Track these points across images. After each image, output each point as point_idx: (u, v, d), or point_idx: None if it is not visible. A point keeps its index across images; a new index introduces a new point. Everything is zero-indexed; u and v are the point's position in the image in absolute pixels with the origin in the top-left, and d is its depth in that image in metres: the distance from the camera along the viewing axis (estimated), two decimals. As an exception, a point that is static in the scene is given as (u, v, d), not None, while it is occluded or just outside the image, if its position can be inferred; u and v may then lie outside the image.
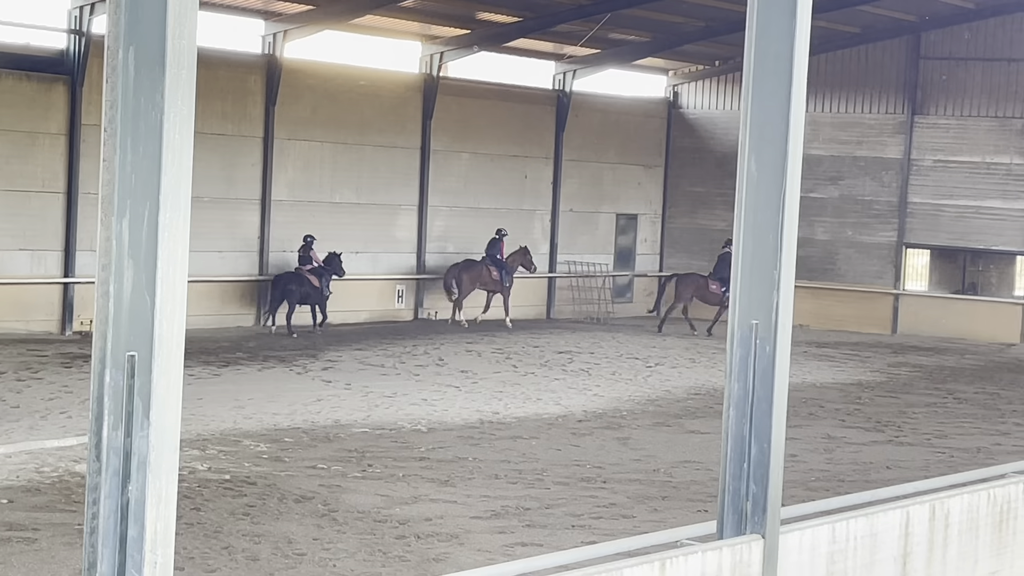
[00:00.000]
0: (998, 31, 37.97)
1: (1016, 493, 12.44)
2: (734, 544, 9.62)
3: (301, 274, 32.57)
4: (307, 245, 32.87)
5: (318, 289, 32.55)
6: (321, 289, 32.59)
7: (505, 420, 21.91)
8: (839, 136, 40.21)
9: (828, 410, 24.70)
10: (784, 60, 9.72)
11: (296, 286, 32.25)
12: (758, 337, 9.83)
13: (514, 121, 38.13)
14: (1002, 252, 38.38)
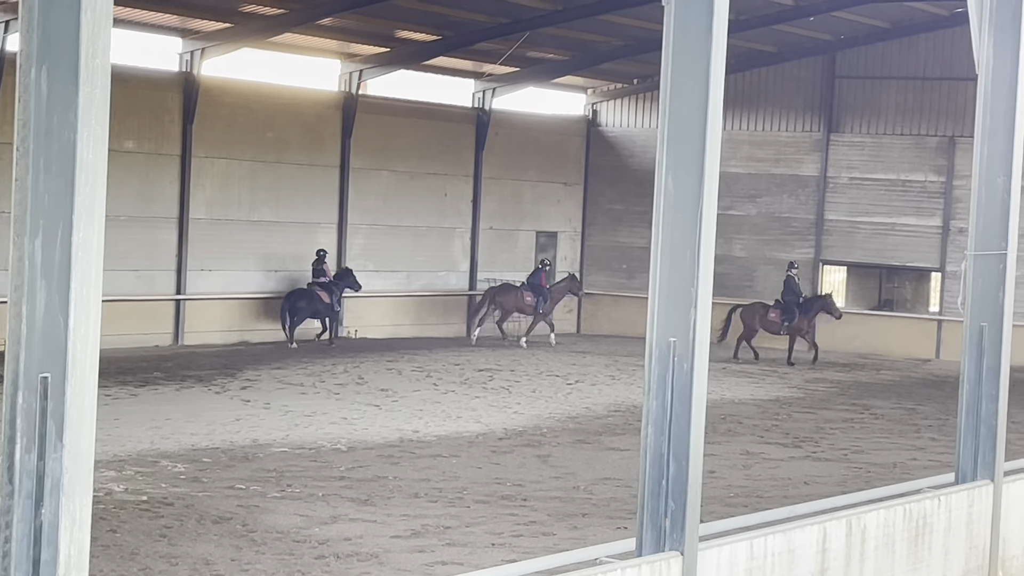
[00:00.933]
0: (912, 50, 38.43)
1: (931, 508, 12.57)
2: (653, 561, 9.66)
3: (311, 291, 33.60)
4: (320, 259, 34.03)
5: (328, 305, 33.61)
6: (332, 305, 33.61)
7: (425, 438, 21.86)
8: (757, 154, 40.52)
9: (747, 426, 24.83)
10: (700, 79, 9.79)
11: (306, 303, 33.42)
12: (676, 354, 9.88)
13: (434, 139, 38.13)
14: (917, 269, 38.81)
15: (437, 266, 38.41)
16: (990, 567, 13.15)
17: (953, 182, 37.62)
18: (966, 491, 13.08)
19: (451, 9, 33.35)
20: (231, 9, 31.88)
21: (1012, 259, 13.25)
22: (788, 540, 10.91)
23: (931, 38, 37.97)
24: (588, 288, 42.17)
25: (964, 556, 12.93)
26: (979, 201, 13.30)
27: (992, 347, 13.30)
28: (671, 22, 9.84)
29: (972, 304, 13.42)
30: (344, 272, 34.43)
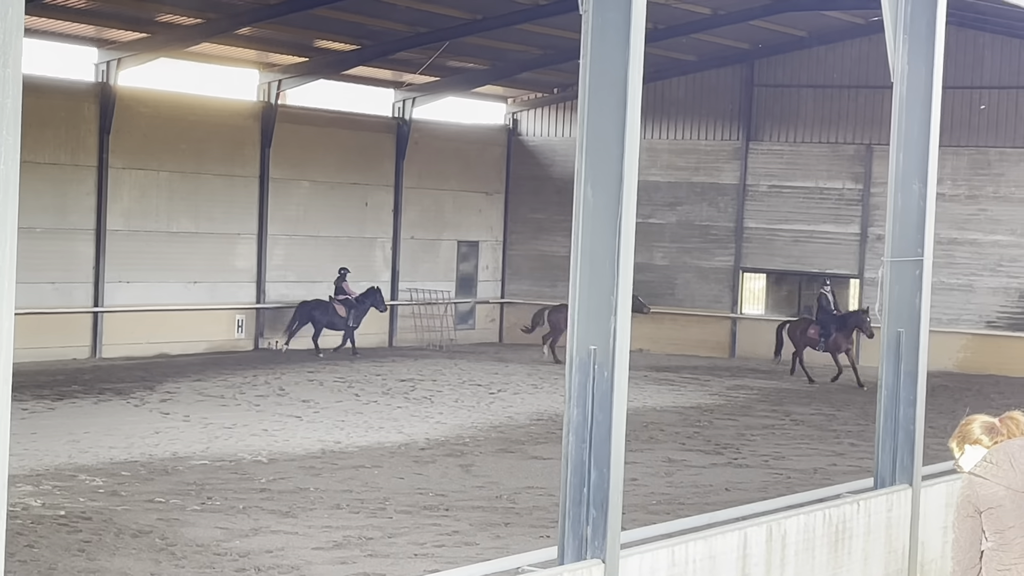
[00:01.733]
0: (829, 58, 38.77)
1: (851, 513, 12.65)
2: (575, 569, 9.64)
3: (329, 304, 34.94)
4: (341, 277, 35.41)
5: (343, 319, 34.89)
6: (347, 319, 34.86)
7: (347, 449, 21.77)
8: (676, 162, 40.71)
9: (668, 433, 24.92)
10: (618, 87, 9.80)
11: (320, 314, 34.80)
12: (596, 362, 9.88)
13: (354, 149, 38.02)
14: (835, 276, 39.10)
15: (358, 276, 38.26)
16: (909, 570, 13.24)
17: (870, 189, 37.98)
18: (885, 495, 13.17)
19: (370, 19, 33.28)
20: (148, 19, 31.63)
21: (928, 265, 13.36)
22: (709, 546, 10.93)
23: (848, 47, 38.33)
24: (510, 297, 42.22)
25: (884, 560, 13.02)
26: (895, 208, 13.41)
27: (909, 352, 13.40)
28: (588, 31, 9.85)
29: (889, 310, 13.52)
30: (371, 291, 35.59)
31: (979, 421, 8.02)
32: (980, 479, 7.72)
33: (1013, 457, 7.69)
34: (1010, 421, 7.94)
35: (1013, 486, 7.62)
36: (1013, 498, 7.63)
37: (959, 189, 37.19)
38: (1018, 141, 36.90)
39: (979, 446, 7.93)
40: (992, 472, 7.69)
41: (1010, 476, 7.64)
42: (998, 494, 7.65)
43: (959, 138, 36.35)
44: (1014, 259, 37.06)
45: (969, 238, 37.39)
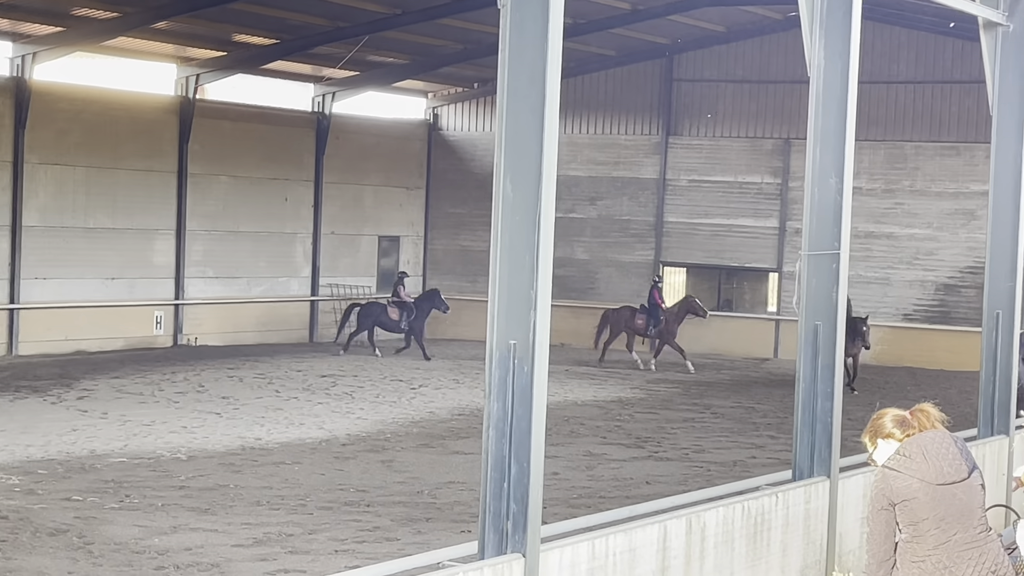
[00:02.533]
0: (748, 53, 39.01)
1: (770, 505, 12.73)
2: (495, 564, 9.64)
3: (383, 305, 35.53)
4: (399, 280, 35.99)
5: (396, 322, 35.28)
6: (399, 322, 35.24)
7: (267, 446, 21.66)
8: (597, 157, 40.81)
9: (589, 427, 24.99)
10: (537, 82, 9.80)
11: (368, 314, 35.24)
12: (516, 357, 9.88)
13: (274, 144, 37.81)
14: (755, 269, 39.39)
15: (278, 272, 38.11)
16: (827, 561, 13.35)
17: (789, 183, 38.27)
18: (803, 488, 13.26)
19: (289, 13, 33.11)
20: (63, 12, 31.28)
21: (845, 258, 13.46)
22: (629, 539, 10.97)
23: (766, 42, 38.58)
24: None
25: (802, 552, 13.12)
26: (812, 202, 13.50)
27: (826, 345, 13.50)
28: (507, 25, 9.84)
29: (807, 303, 13.62)
30: (430, 293, 35.97)
31: (890, 415, 8.09)
32: (894, 472, 7.79)
33: (926, 449, 7.76)
34: (921, 414, 8.02)
35: (926, 478, 7.70)
36: (926, 490, 7.70)
37: (876, 183, 37.55)
38: (934, 135, 37.29)
39: (891, 440, 7.99)
40: (905, 465, 7.76)
41: (923, 468, 7.71)
42: (912, 486, 7.72)
43: (876, 132, 36.70)
44: (930, 252, 37.47)
45: (886, 232, 37.76)
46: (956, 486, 7.72)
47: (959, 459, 7.77)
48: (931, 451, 7.75)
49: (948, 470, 7.72)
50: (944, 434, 7.88)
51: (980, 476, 7.86)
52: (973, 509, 7.77)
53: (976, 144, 35.49)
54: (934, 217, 37.38)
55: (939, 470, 7.70)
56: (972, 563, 7.71)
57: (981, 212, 34.25)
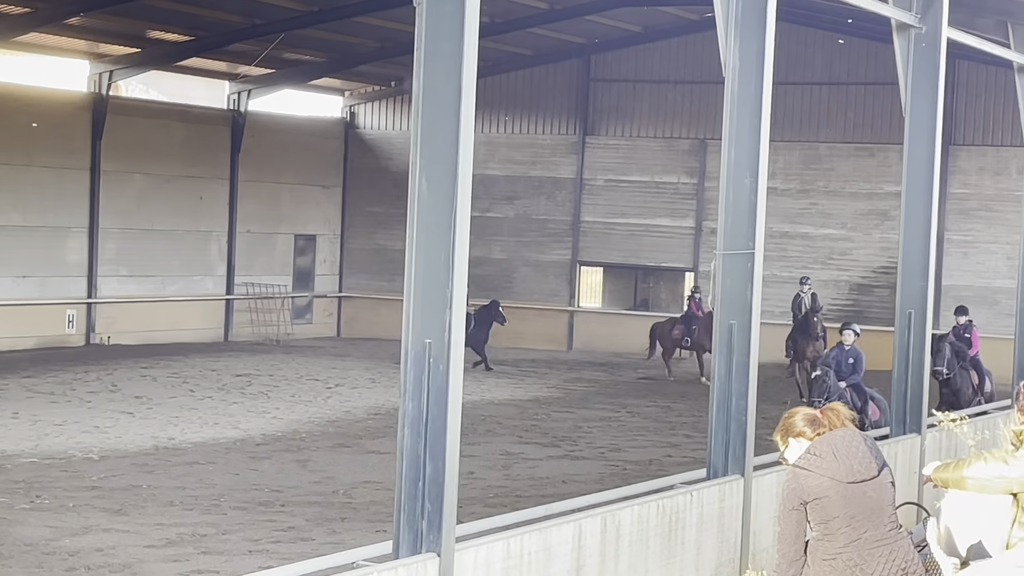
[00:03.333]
0: (664, 54, 39.16)
1: (684, 503, 12.79)
2: (409, 563, 9.62)
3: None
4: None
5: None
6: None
7: (181, 446, 21.48)
8: (514, 156, 40.82)
9: (506, 426, 24.99)
10: (453, 81, 9.79)
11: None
12: (432, 356, 9.86)
13: (188, 141, 37.49)
14: (671, 269, 39.56)
15: (193, 270, 37.79)
16: (741, 560, 13.43)
17: (705, 183, 38.48)
18: (718, 486, 13.33)
19: (203, 9, 32.83)
20: (-26, 8, 30.88)
21: (759, 258, 13.55)
22: (544, 538, 10.97)
23: (682, 42, 38.74)
24: (348, 291, 41.99)
25: (716, 550, 13.19)
26: (727, 201, 13.58)
27: (741, 344, 13.58)
28: (423, 24, 9.82)
29: (721, 302, 13.70)
30: (490, 305, 34.54)
31: (801, 414, 8.14)
32: (805, 471, 7.84)
33: (836, 448, 7.81)
34: (831, 412, 8.07)
35: (837, 477, 7.75)
36: (837, 488, 7.75)
37: (791, 183, 37.83)
38: (848, 136, 37.63)
39: (802, 438, 8.04)
40: (816, 464, 7.81)
41: (834, 467, 7.76)
42: (823, 485, 7.77)
43: (791, 133, 36.96)
44: (844, 252, 37.80)
45: (801, 232, 38.06)
46: (866, 484, 7.77)
47: (869, 457, 7.83)
48: (841, 450, 7.80)
49: (858, 468, 7.77)
50: (854, 432, 7.94)
51: (890, 474, 7.93)
52: (883, 507, 7.83)
53: (889, 145, 35.83)
54: (848, 217, 37.72)
55: (849, 468, 7.75)
56: (882, 560, 7.76)
57: (894, 213, 34.55)
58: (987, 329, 35.87)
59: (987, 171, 36.62)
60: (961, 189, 36.59)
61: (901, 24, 16.78)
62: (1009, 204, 34.78)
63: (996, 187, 36.39)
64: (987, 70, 34.58)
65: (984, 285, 36.60)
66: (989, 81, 35.41)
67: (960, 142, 36.47)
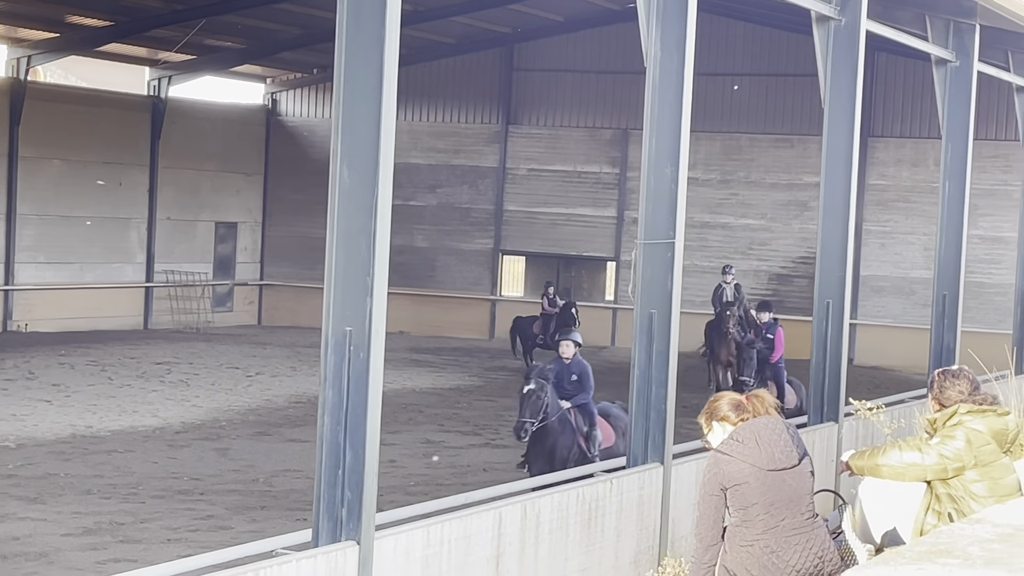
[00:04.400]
0: (587, 43, 39.23)
1: (604, 491, 12.84)
2: (329, 551, 9.60)
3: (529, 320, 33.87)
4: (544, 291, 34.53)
5: (535, 335, 33.62)
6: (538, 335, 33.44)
7: (99, 434, 21.30)
8: (437, 145, 40.78)
9: (427, 415, 24.98)
10: (374, 68, 9.76)
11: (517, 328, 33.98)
12: (352, 343, 9.84)
13: (108, 127, 37.12)
14: (593, 258, 39.68)
15: (112, 258, 37.45)
16: (660, 547, 13.51)
17: (627, 173, 38.61)
18: (637, 474, 13.40)
19: (124, -6, 32.56)
20: None
21: (680, 247, 13.62)
22: (464, 526, 10.99)
23: (605, 32, 38.82)
24: (269, 279, 41.78)
25: (636, 537, 13.26)
26: (648, 190, 13.64)
27: (661, 333, 13.65)
28: (344, 11, 9.79)
29: (642, 291, 13.75)
30: (566, 305, 33.63)
31: (727, 398, 8.19)
32: (726, 457, 7.89)
33: (759, 435, 7.87)
34: (756, 399, 8.13)
35: (758, 464, 7.80)
36: (758, 475, 7.81)
37: (712, 174, 38.04)
38: (768, 127, 37.89)
39: (726, 423, 8.10)
40: (738, 450, 7.86)
41: (755, 454, 7.82)
42: (743, 471, 7.82)
43: (712, 124, 37.15)
44: (764, 242, 38.07)
45: (721, 222, 38.29)
46: (786, 472, 7.83)
47: (791, 446, 7.89)
48: (764, 437, 7.86)
49: (779, 456, 7.83)
50: (777, 420, 8.00)
51: (810, 463, 7.99)
52: (802, 495, 7.89)
53: (809, 136, 36.12)
54: (768, 208, 37.99)
55: (771, 456, 7.81)
56: (799, 549, 7.83)
57: (813, 203, 34.82)
58: (903, 319, 36.35)
59: (905, 163, 37.00)
60: (879, 180, 36.96)
61: (820, 16, 16.91)
62: (926, 195, 35.16)
63: (914, 179, 36.77)
64: (906, 62, 34.91)
65: (901, 276, 37.00)
66: (907, 73, 35.77)
67: (879, 134, 36.82)
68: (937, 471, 8.66)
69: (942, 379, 9.08)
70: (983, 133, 32.04)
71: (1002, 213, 35.06)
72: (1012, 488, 8.81)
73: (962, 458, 8.64)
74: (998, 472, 8.74)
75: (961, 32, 20.66)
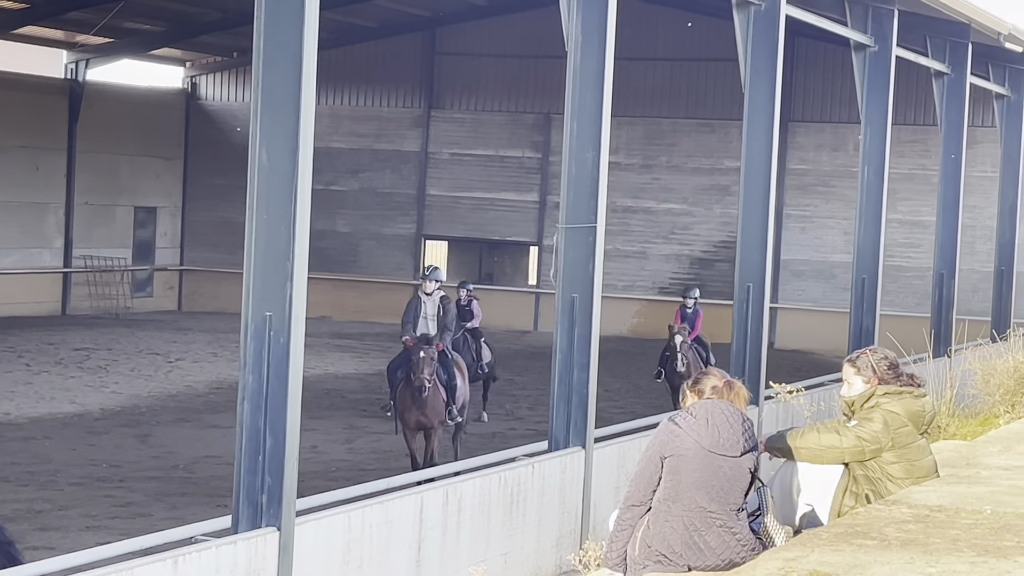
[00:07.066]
0: (509, 28, 39.19)
1: (526, 475, 12.87)
2: (249, 538, 9.56)
3: None
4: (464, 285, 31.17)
5: None
6: None
7: (16, 421, 21.07)
8: (359, 129, 40.62)
9: (349, 400, 24.90)
10: (293, 52, 9.72)
11: None
12: (272, 329, 9.80)
13: (23, 111, 36.64)
14: (516, 243, 39.69)
15: (29, 243, 37.01)
16: (582, 530, 13.55)
17: (549, 158, 38.63)
18: (559, 458, 13.44)
19: (41, -24, 32.16)
20: None
21: (601, 231, 13.65)
22: (386, 511, 10.98)
23: (527, 16, 38.76)
24: (189, 264, 41.48)
25: (558, 521, 13.29)
26: (569, 175, 13.66)
27: (583, 317, 13.69)
28: (262, -7, 9.73)
29: (564, 276, 13.78)
30: None
31: (714, 379, 8.26)
32: (675, 427, 7.96)
33: (711, 415, 7.93)
34: (732, 387, 8.19)
35: (701, 442, 7.86)
36: (698, 452, 7.87)
37: (634, 158, 38.14)
38: (690, 112, 38.03)
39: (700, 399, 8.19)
40: (688, 423, 7.94)
41: (702, 432, 7.88)
42: (686, 444, 7.88)
43: (634, 109, 37.22)
44: (686, 227, 38.24)
45: (643, 206, 38.41)
46: (725, 459, 7.87)
47: (738, 436, 7.93)
48: (715, 419, 7.92)
49: (724, 442, 7.88)
50: (735, 410, 8.04)
51: (753, 461, 8.02)
52: (734, 486, 7.93)
53: (730, 121, 36.25)
54: (690, 192, 38.15)
55: (715, 438, 7.86)
56: (724, 536, 7.88)
57: (734, 188, 34.99)
58: (823, 303, 36.65)
59: (825, 147, 37.28)
60: (800, 165, 37.22)
61: (741, 1, 16.99)
62: (846, 180, 35.43)
63: (833, 163, 37.06)
64: (825, 47, 35.12)
65: (822, 259, 37.29)
66: (827, 59, 35.99)
67: (799, 119, 37.07)
68: (855, 453, 8.73)
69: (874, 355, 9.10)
70: (902, 118, 32.33)
71: (920, 197, 35.39)
72: (928, 470, 8.89)
73: (879, 440, 8.71)
74: (915, 454, 8.82)
75: (880, 17, 20.83)
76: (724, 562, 7.87)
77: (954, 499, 8.18)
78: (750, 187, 17.35)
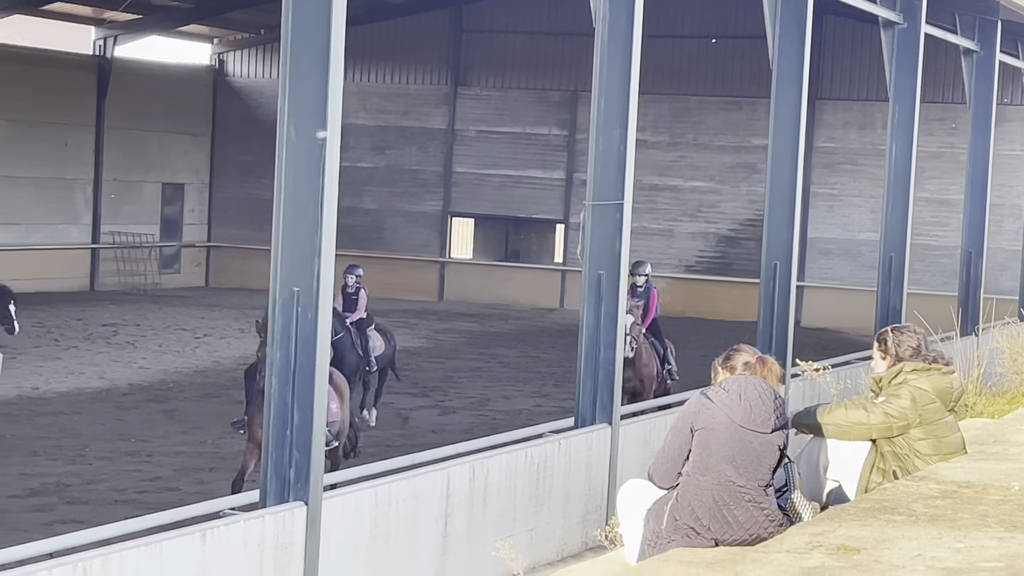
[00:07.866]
0: (536, 4, 39.10)
1: (552, 452, 12.89)
2: (277, 512, 9.60)
3: None
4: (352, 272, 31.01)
5: None
6: None
7: (45, 395, 21.19)
8: (386, 106, 40.62)
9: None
10: (322, 29, 9.72)
11: None
12: (300, 304, 9.83)
13: (53, 87, 36.75)
14: (542, 220, 39.67)
15: (58, 219, 37.17)
16: (608, 507, 13.57)
17: (576, 135, 38.58)
18: (585, 435, 13.46)
19: (69, -48, 32.21)
20: None
21: (628, 209, 13.65)
22: (413, 486, 11.02)
23: (554, -6, 38.72)
24: (216, 240, 41.56)
25: (584, 497, 13.32)
26: (597, 152, 13.65)
27: (609, 294, 13.69)
28: (292, -31, 9.73)
29: (590, 253, 13.78)
30: None
31: (745, 354, 8.26)
32: (707, 400, 7.96)
33: (744, 390, 7.93)
34: (764, 364, 8.20)
35: (733, 417, 7.86)
36: (728, 427, 7.86)
37: (660, 136, 38.07)
38: (716, 90, 37.93)
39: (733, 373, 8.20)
40: (721, 397, 7.93)
41: (734, 407, 7.88)
42: (717, 418, 7.88)
43: (661, 86, 37.12)
44: (712, 205, 38.17)
45: (670, 184, 38.35)
46: (755, 435, 7.87)
47: (770, 412, 7.92)
48: (748, 394, 7.92)
49: (755, 417, 7.87)
50: (768, 387, 8.04)
51: (783, 439, 8.01)
52: (763, 462, 7.92)
53: (757, 99, 36.12)
54: (716, 170, 38.07)
55: (747, 414, 7.86)
56: (752, 511, 7.88)
57: (761, 166, 34.95)
58: (851, 281, 36.55)
59: (852, 125, 37.15)
60: (827, 143, 37.11)
61: (769, -22, 16.92)
62: (873, 158, 35.29)
63: (861, 141, 36.93)
64: (854, 25, 34.99)
65: (849, 238, 37.19)
66: (855, 36, 35.84)
67: (826, 96, 36.93)
68: (882, 429, 8.72)
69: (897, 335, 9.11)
70: (930, 96, 32.16)
71: (948, 176, 35.26)
72: (956, 446, 8.89)
73: (907, 416, 8.71)
74: (942, 430, 8.81)
75: (909, -6, 20.72)
76: (751, 536, 7.87)
77: (982, 475, 8.18)
78: (777, 165, 17.31)
